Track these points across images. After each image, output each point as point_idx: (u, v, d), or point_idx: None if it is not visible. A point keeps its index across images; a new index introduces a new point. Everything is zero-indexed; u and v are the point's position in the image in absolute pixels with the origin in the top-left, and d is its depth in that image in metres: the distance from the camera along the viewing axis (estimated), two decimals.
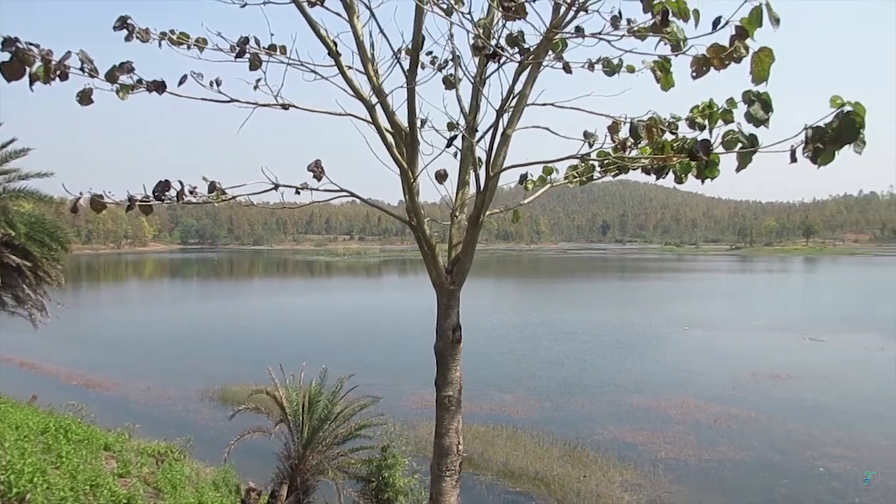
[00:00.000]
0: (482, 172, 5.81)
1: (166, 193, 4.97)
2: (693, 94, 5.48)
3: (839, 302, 74.26)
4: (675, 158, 5.10)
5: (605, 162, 5.96)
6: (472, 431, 24.70)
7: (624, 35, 5.33)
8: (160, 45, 5.21)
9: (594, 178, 6.42)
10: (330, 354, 34.75)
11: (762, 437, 24.58)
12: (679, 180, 5.59)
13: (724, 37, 4.60)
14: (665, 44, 5.04)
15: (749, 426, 25.90)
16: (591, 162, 6.13)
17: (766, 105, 4.78)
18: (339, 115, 5.87)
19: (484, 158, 5.95)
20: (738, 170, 5.00)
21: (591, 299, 79.02)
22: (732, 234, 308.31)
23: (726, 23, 4.14)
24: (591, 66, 5.74)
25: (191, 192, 5.24)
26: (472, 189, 6.34)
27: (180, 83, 5.25)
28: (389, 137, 5.82)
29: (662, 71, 5.18)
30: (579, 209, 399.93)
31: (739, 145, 4.97)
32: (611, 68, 5.68)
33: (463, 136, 6.22)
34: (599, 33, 4.94)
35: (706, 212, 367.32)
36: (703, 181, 5.48)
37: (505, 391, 31.07)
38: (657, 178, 5.78)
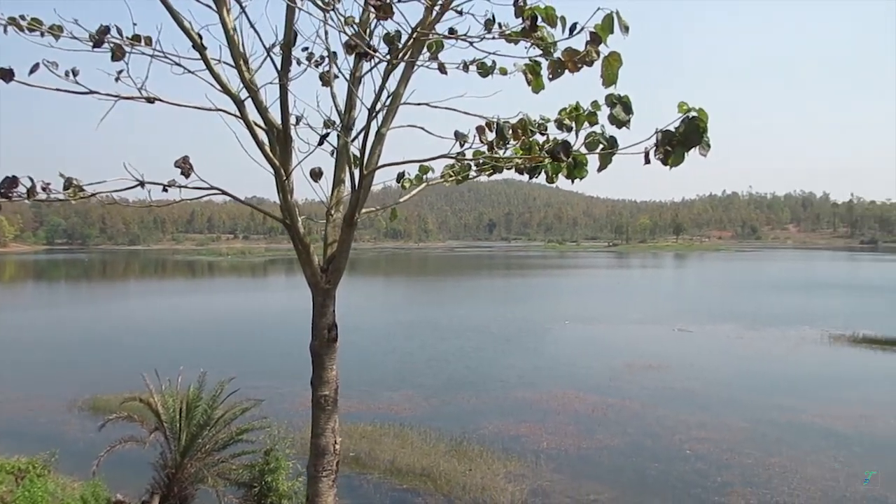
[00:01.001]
0: (357, 171, 5.82)
1: (14, 190, 4.64)
2: (580, 95, 5.67)
3: (705, 295, 79.62)
4: (540, 159, 5.31)
5: (481, 161, 6.12)
6: (360, 431, 24.62)
7: (495, 38, 5.49)
8: (5, 30, 4.86)
9: (470, 177, 6.55)
10: (210, 358, 33.59)
11: (636, 424, 25.95)
12: (550, 180, 5.83)
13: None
14: (530, 48, 5.25)
15: (624, 414, 27.27)
16: (466, 161, 6.25)
17: (627, 108, 5.07)
18: (209, 109, 5.69)
19: (359, 157, 5.96)
20: (599, 170, 5.28)
21: (477, 296, 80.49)
22: (610, 232, 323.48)
23: (582, 28, 4.35)
24: (465, 67, 5.87)
25: (43, 189, 4.92)
26: (347, 187, 6.32)
27: (31, 72, 4.92)
28: (261, 134, 5.70)
29: (533, 74, 5.38)
30: (466, 208, 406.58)
31: (601, 146, 5.25)
32: (485, 70, 5.83)
33: (338, 134, 6.19)
34: (466, 35, 5.05)
35: (586, 210, 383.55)
36: (572, 181, 5.75)
37: (392, 389, 31.12)
38: (530, 178, 5.98)
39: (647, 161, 4.80)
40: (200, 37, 5.15)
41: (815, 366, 37.36)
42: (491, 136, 5.39)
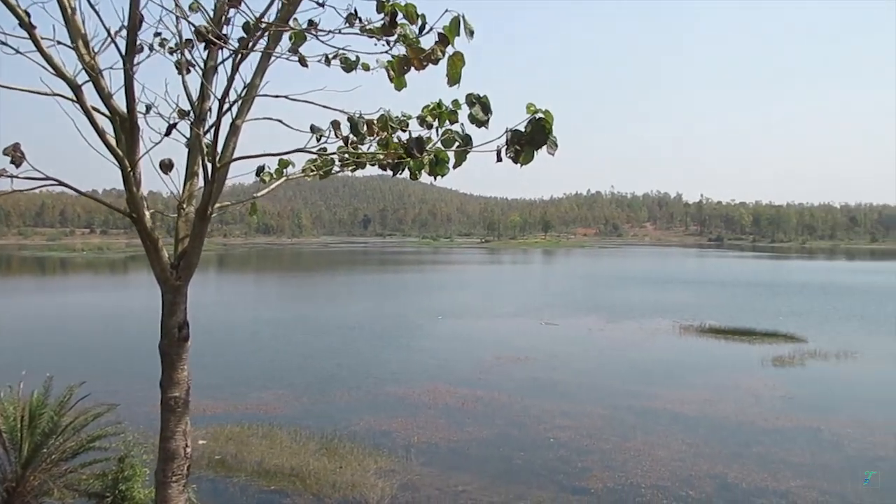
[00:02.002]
0: (210, 163, 5.61)
1: None
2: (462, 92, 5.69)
3: (570, 289, 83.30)
4: (396, 155, 5.35)
5: (345, 156, 6.07)
6: (226, 433, 23.83)
7: (347, 33, 5.47)
8: None
9: (333, 172, 6.48)
10: (59, 362, 31.43)
11: (503, 415, 26.74)
12: (413, 176, 5.87)
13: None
14: (395, 44, 5.26)
15: (492, 406, 28.02)
16: (328, 156, 6.19)
17: (486, 107, 5.21)
18: (43, 94, 5.28)
19: (218, 149, 5.76)
20: (454, 166, 5.40)
21: (350, 293, 79.95)
22: (483, 229, 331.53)
23: (430, 29, 4.42)
24: (327, 61, 5.80)
25: None
26: (201, 180, 6.09)
27: None
28: (103, 122, 5.36)
29: (395, 71, 5.40)
30: (341, 203, 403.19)
31: (456, 143, 5.36)
32: (348, 65, 5.79)
33: (190, 125, 5.94)
34: (316, 27, 5.00)
35: (460, 207, 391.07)
36: (434, 178, 5.83)
37: (261, 389, 30.30)
38: (394, 174, 6.00)
39: (499, 159, 4.97)
40: (28, 14, 4.77)
41: (667, 354, 40.07)
42: (346, 131, 5.36)
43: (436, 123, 5.53)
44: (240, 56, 5.28)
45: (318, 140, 5.60)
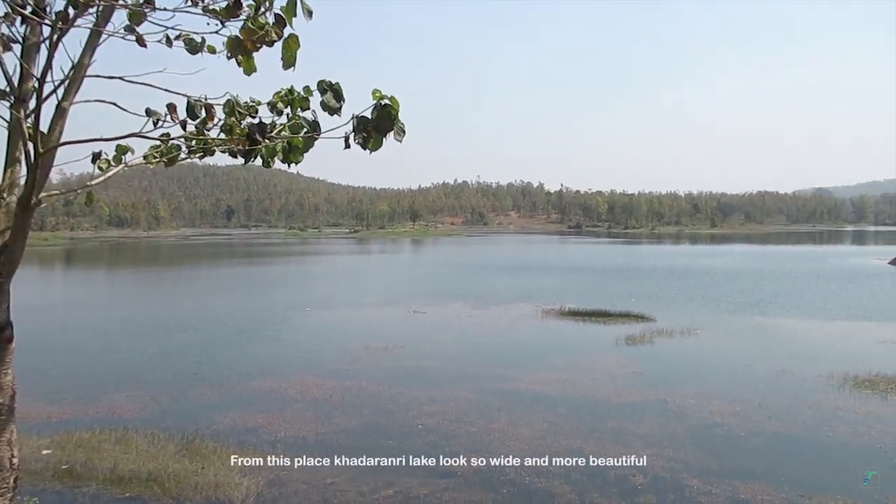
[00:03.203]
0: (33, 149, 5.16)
1: None
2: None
3: (439, 277, 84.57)
4: (238, 142, 5.17)
5: (193, 143, 5.78)
6: (74, 440, 22.23)
7: (198, 13, 5.21)
8: None
9: (180, 159, 6.16)
10: None
11: (371, 405, 26.75)
12: (266, 164, 5.69)
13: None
14: (222, 25, 5.06)
15: (361, 396, 27.95)
16: (172, 141, 5.87)
17: (338, 95, 5.14)
18: None
19: (46, 133, 5.31)
20: (301, 154, 5.30)
21: (213, 287, 76.85)
22: (351, 219, 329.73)
23: (268, 8, 4.31)
24: (168, 41, 5.49)
25: None
26: (25, 168, 5.59)
27: None
28: None
29: (230, 52, 5.19)
30: (202, 194, 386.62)
31: (305, 130, 5.27)
32: (192, 46, 5.51)
33: (10, 107, 5.44)
34: (151, 5, 4.74)
35: (328, 197, 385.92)
36: (289, 165, 5.69)
37: (113, 391, 28.48)
38: (245, 162, 5.79)
39: (347, 145, 4.93)
40: None
41: (529, 338, 41.64)
42: (183, 115, 5.12)
43: (287, 110, 5.40)
44: (59, 33, 4.88)
45: (156, 125, 5.30)
